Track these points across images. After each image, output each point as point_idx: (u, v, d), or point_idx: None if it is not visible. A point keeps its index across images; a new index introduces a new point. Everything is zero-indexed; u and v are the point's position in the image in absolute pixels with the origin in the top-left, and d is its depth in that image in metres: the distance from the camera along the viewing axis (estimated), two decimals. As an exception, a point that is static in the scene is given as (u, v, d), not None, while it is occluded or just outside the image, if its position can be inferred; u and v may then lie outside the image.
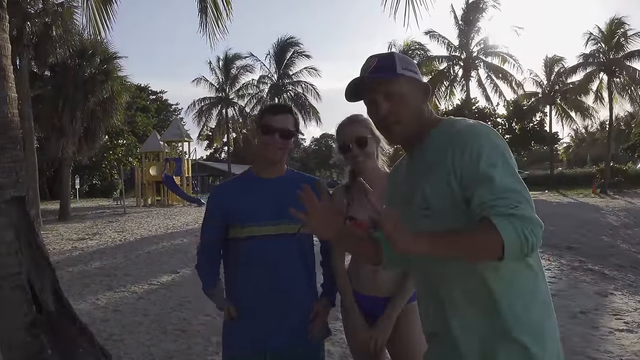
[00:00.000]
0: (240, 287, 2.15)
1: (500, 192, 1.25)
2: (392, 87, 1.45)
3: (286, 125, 2.12)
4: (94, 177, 45.35)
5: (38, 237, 3.44)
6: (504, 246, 1.18)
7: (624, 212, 18.38)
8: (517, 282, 1.37)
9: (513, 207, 1.22)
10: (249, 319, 2.11)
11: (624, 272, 8.42)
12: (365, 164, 2.25)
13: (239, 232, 2.13)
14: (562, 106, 36.95)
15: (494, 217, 1.20)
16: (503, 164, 1.30)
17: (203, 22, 5.97)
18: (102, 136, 22.24)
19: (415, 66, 1.53)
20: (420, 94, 1.49)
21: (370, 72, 1.46)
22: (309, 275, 2.17)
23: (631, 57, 30.90)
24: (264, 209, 2.11)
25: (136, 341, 4.85)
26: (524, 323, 1.35)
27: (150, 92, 54.26)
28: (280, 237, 2.10)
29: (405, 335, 2.22)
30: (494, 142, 1.34)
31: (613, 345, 4.43)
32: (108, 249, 11.35)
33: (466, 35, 31.82)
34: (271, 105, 2.21)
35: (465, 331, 1.40)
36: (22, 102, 15.59)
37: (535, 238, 1.21)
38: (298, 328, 2.12)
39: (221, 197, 2.23)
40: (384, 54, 1.50)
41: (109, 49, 20.21)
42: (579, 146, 66.15)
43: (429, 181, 1.39)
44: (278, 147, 2.12)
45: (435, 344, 1.54)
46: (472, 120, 1.46)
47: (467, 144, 1.33)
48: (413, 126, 1.47)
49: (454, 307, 1.42)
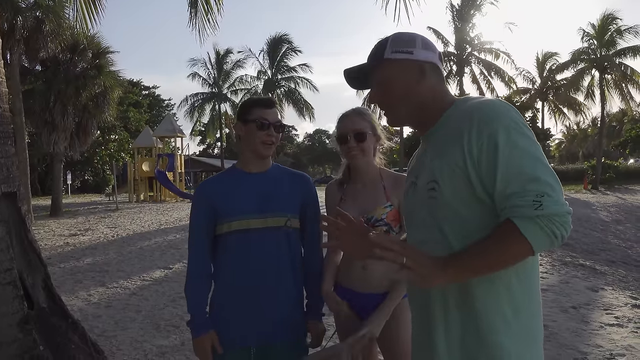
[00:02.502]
0: (228, 281, 2.13)
1: (523, 182, 1.19)
2: (379, 74, 1.46)
3: (278, 118, 2.12)
4: (86, 173, 45.07)
5: (29, 233, 3.42)
6: (533, 249, 1.18)
7: (615, 207, 18.53)
8: (511, 286, 1.33)
9: (537, 208, 1.17)
10: (235, 314, 2.10)
11: (614, 268, 8.49)
12: (359, 158, 2.24)
13: (225, 227, 2.10)
14: (555, 102, 37.13)
15: (518, 220, 1.18)
16: (523, 146, 1.23)
17: (193, 17, 5.89)
18: (94, 131, 22.04)
19: (417, 43, 1.43)
20: (414, 74, 1.42)
21: (367, 59, 1.49)
22: (295, 268, 2.15)
23: (623, 54, 31.04)
24: (251, 202, 2.09)
25: (129, 337, 4.84)
26: (512, 326, 1.30)
27: (143, 87, 53.99)
28: (266, 231, 2.08)
29: (396, 331, 2.22)
30: (514, 120, 1.27)
31: (603, 339, 4.47)
32: (100, 244, 11.30)
33: (461, 31, 31.83)
34: (260, 99, 2.15)
35: (449, 336, 1.35)
36: (13, 96, 15.48)
37: (565, 231, 1.18)
38: (283, 322, 2.10)
39: (207, 193, 2.18)
40: (382, 39, 1.48)
41: (101, 43, 20.08)
42: (571, 142, 66.48)
43: (439, 157, 1.34)
44: (274, 141, 2.11)
45: (417, 349, 1.51)
46: (485, 98, 1.40)
47: (485, 122, 1.26)
48: (407, 108, 1.45)
49: (439, 309, 1.37)
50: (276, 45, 37.31)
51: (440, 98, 1.44)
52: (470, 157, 1.27)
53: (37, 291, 3.31)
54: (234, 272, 2.11)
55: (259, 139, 2.08)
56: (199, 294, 2.12)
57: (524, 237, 1.16)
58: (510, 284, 1.30)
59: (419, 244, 1.40)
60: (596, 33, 31.49)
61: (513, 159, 1.22)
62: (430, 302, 1.39)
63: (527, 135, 1.26)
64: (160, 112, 55.27)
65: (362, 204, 2.22)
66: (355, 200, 2.25)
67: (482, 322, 1.30)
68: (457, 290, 1.32)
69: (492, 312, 1.29)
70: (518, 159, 1.21)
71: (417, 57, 1.43)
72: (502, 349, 1.28)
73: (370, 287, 2.23)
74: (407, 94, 1.44)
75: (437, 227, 1.35)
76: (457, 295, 1.33)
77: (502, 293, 1.30)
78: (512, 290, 1.30)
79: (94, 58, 20.17)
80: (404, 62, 1.43)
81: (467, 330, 1.32)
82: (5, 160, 3.32)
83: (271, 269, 2.08)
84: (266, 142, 2.09)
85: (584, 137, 61.75)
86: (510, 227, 1.18)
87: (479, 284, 1.29)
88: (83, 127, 20.16)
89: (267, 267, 2.07)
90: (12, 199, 3.31)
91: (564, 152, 68.08)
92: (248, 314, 2.07)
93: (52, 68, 19.41)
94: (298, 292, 2.19)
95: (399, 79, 1.43)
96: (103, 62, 20.25)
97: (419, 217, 1.43)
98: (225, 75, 38.99)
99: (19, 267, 3.17)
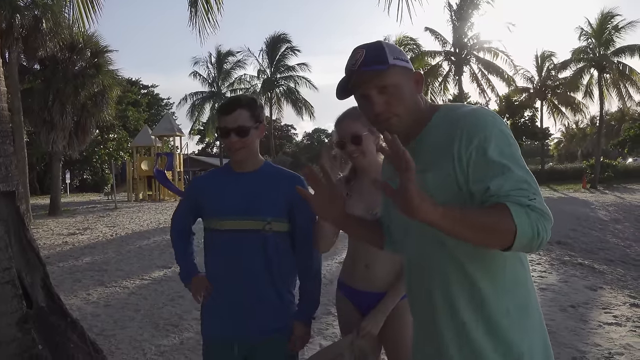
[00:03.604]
0: (209, 278, 2.20)
1: (516, 182, 1.21)
2: (386, 80, 1.35)
3: (240, 122, 2.03)
4: (85, 172, 45.00)
5: (28, 232, 3.42)
6: (516, 235, 1.15)
7: (614, 207, 18.54)
8: (514, 284, 1.36)
9: (531, 199, 1.18)
10: (217, 312, 2.15)
11: (613, 267, 8.51)
12: (362, 160, 2.22)
13: (207, 223, 2.18)
14: (553, 101, 37.15)
15: (511, 205, 1.17)
16: (513, 154, 1.26)
17: (193, 16, 5.86)
18: (92, 130, 22.01)
19: (405, 55, 1.43)
20: (413, 84, 1.41)
21: (361, 64, 1.35)
22: (272, 271, 2.11)
23: (621, 53, 31.05)
24: (231, 203, 2.10)
25: (128, 336, 4.84)
26: (515, 323, 1.33)
27: (142, 86, 53.88)
28: (244, 233, 2.08)
29: (400, 332, 2.21)
30: (501, 129, 1.29)
31: (602, 338, 4.48)
32: (99, 243, 11.29)
33: (459, 30, 31.82)
34: (222, 104, 2.10)
35: (454, 333, 1.37)
36: (12, 95, 15.44)
37: (546, 235, 1.18)
38: (264, 323, 2.10)
39: (196, 189, 2.29)
40: (371, 44, 1.40)
41: (100, 42, 20.06)
42: (570, 141, 66.51)
43: (433, 169, 1.33)
44: (238, 147, 2.06)
45: (421, 343, 1.51)
46: (473, 105, 1.40)
47: (473, 131, 1.28)
48: (410, 119, 1.40)
49: (443, 304, 1.38)
50: (275, 44, 37.32)
51: (425, 107, 1.44)
52: (459, 164, 1.29)
53: (36, 290, 3.31)
54: (209, 269, 2.20)
55: (226, 146, 2.11)
56: (180, 246, 2.34)
57: (513, 218, 1.15)
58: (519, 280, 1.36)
59: (418, 256, 1.44)
60: (594, 32, 31.50)
61: (509, 166, 1.23)
62: (432, 295, 1.40)
63: (514, 146, 1.29)
64: (159, 111, 55.14)
65: (368, 200, 2.21)
66: (361, 196, 2.25)
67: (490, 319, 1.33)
68: (464, 280, 1.35)
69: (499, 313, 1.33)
70: (512, 167, 1.23)
71: (411, 67, 1.43)
72: (512, 342, 1.32)
73: (373, 286, 2.24)
74: (413, 102, 1.41)
75: (435, 238, 1.35)
76: (465, 286, 1.35)
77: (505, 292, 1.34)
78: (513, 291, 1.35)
79: (93, 57, 20.14)
80: (406, 70, 1.40)
81: (475, 328, 1.34)
82: (3, 159, 3.32)
83: (246, 271, 2.08)
84: (229, 148, 2.08)
85: (582, 136, 61.71)
86: (502, 207, 1.18)
87: (487, 278, 1.33)
88: (82, 126, 20.13)
89: (239, 269, 2.09)
90: (11, 198, 3.31)
91: (562, 151, 68.06)
92: (225, 312, 2.12)
93: (50, 67, 19.36)
94: (281, 295, 2.14)
95: (407, 87, 1.39)
96: (102, 61, 20.21)
97: (415, 225, 1.39)
98: (225, 74, 38.99)
99: (17, 266, 3.17)
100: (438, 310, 1.39)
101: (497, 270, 1.35)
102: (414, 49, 32.28)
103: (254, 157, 2.15)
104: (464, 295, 1.35)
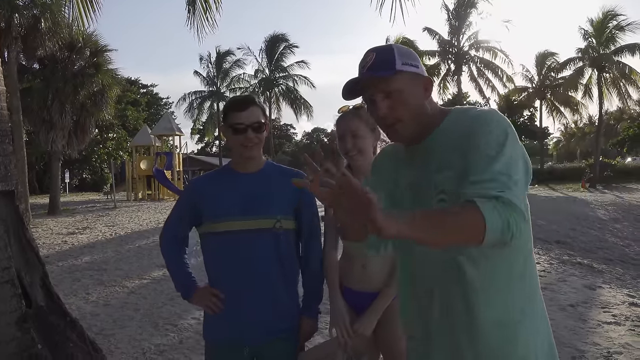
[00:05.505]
0: (215, 283, 2.13)
1: (492, 174, 1.22)
2: (391, 85, 1.37)
3: (256, 118, 2.04)
4: (84, 171, 44.99)
5: (27, 231, 3.42)
6: (486, 230, 1.15)
7: (613, 206, 18.55)
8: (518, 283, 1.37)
9: (500, 191, 1.19)
10: (226, 315, 2.09)
11: (612, 266, 8.51)
12: (358, 158, 2.20)
13: (211, 227, 2.09)
14: (552, 101, 37.16)
15: (479, 200, 1.17)
16: (504, 150, 1.27)
17: (191, 16, 5.83)
18: (92, 130, 22.03)
19: (417, 59, 1.43)
20: (421, 89, 1.41)
21: (369, 68, 1.37)
22: (285, 270, 2.11)
23: (620, 53, 31.04)
24: (237, 204, 2.06)
25: (127, 335, 4.84)
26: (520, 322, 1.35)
27: (141, 86, 53.84)
28: (252, 233, 2.05)
29: (396, 332, 2.21)
30: (502, 128, 1.31)
31: (601, 337, 4.48)
32: (98, 243, 11.29)
33: (457, 30, 31.84)
34: (234, 101, 2.10)
35: (447, 332, 1.38)
36: (11, 95, 15.41)
37: (516, 228, 1.18)
38: (274, 323, 2.08)
39: (194, 193, 2.19)
40: (382, 48, 1.40)
41: (99, 42, 20.05)
42: (569, 141, 66.58)
43: (448, 169, 1.35)
44: (254, 143, 2.05)
45: (413, 346, 1.52)
46: (484, 108, 1.42)
47: (477, 129, 1.31)
48: (415, 124, 1.40)
49: (444, 303, 1.39)
50: (274, 43, 37.32)
51: (433, 112, 1.44)
52: (468, 161, 1.30)
53: (35, 290, 3.31)
54: (218, 273, 2.11)
55: (238, 143, 2.05)
56: (173, 258, 2.20)
57: (482, 214, 1.15)
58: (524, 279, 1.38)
59: (419, 256, 1.44)
60: (594, 31, 31.49)
61: (492, 158, 1.25)
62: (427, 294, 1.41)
63: (513, 146, 1.30)
64: (158, 110, 55.10)
65: None
66: None
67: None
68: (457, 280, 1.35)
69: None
70: (496, 159, 1.25)
71: (422, 73, 1.43)
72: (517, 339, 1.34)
73: (370, 286, 2.23)
74: (419, 108, 1.41)
75: None
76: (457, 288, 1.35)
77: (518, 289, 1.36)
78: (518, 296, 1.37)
79: (92, 56, 20.15)
80: (415, 76, 1.40)
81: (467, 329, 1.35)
82: (3, 159, 3.31)
83: (257, 271, 2.05)
84: (245, 145, 2.05)
85: (581, 135, 61.76)
86: (469, 205, 1.18)
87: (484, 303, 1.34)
88: (81, 125, 20.14)
89: (253, 270, 2.04)
90: (10, 198, 3.31)
91: (562, 151, 68.13)
92: (236, 315, 2.06)
93: (50, 66, 19.36)
94: (290, 294, 2.15)
95: (414, 93, 1.39)
96: (101, 60, 20.22)
97: None
98: (224, 73, 38.99)
99: (17, 266, 3.17)
100: (438, 310, 1.40)
101: (503, 271, 1.35)
102: (412, 49, 32.28)
103: (260, 156, 2.16)
104: (465, 295, 1.35)
